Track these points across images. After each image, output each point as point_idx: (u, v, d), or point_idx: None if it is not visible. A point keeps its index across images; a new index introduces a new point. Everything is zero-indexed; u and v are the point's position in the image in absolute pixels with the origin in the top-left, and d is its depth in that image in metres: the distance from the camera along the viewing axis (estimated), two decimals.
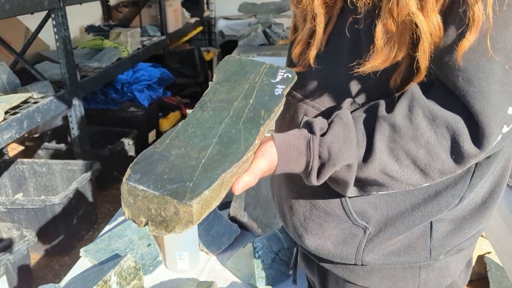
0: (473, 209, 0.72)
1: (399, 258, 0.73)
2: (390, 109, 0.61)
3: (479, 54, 0.54)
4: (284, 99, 0.69)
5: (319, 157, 0.62)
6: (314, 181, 0.63)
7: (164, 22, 4.12)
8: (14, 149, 3.37)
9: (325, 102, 0.70)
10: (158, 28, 4.13)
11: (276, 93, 0.69)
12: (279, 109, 0.68)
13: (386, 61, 0.60)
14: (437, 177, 0.61)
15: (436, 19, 0.55)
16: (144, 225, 0.58)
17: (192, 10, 5.20)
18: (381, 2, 0.59)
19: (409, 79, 0.61)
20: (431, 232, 0.71)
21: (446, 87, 0.58)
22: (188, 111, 1.95)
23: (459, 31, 0.55)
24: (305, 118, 0.70)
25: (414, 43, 0.58)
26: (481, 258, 2.12)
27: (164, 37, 4.05)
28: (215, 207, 0.67)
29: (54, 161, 2.65)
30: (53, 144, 3.15)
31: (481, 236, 2.11)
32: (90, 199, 2.55)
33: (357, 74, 0.63)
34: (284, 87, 0.70)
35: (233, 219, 1.28)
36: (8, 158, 2.91)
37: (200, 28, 5.36)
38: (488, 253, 2.08)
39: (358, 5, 0.62)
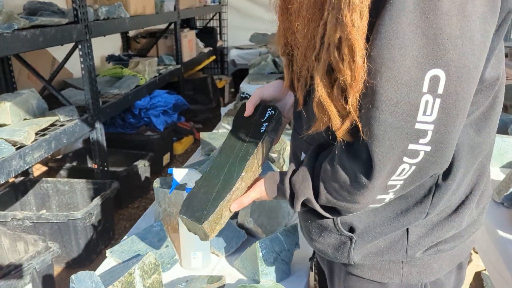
0: (447, 216, 0.87)
1: (382, 257, 0.88)
2: (330, 159, 0.80)
3: (370, 107, 0.68)
4: (266, 135, 0.90)
5: (290, 191, 0.84)
6: (292, 208, 0.87)
7: (180, 52, 4.36)
8: (38, 169, 3.57)
9: (313, 138, 0.88)
10: (174, 57, 4.37)
11: (261, 131, 0.89)
12: (261, 144, 0.89)
13: (323, 126, 0.78)
14: (360, 202, 0.77)
15: (341, 104, 0.72)
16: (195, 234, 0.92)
17: (206, 40, 5.46)
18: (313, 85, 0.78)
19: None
20: (407, 236, 0.87)
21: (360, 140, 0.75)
22: (202, 134, 2.13)
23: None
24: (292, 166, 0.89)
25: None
26: (478, 275, 2.21)
27: (179, 66, 4.28)
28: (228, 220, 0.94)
29: (76, 180, 2.83)
30: (74, 165, 3.35)
31: (475, 252, 2.20)
32: (109, 216, 2.72)
33: None
34: (267, 123, 0.89)
35: (241, 226, 1.43)
36: (33, 177, 3.10)
37: (213, 58, 5.61)
38: (485, 270, 2.17)
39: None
